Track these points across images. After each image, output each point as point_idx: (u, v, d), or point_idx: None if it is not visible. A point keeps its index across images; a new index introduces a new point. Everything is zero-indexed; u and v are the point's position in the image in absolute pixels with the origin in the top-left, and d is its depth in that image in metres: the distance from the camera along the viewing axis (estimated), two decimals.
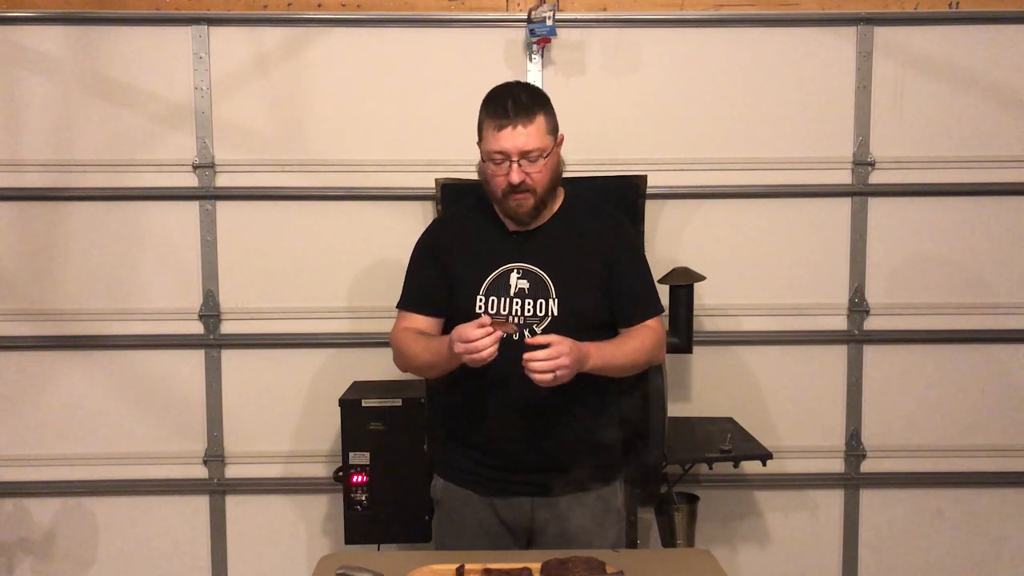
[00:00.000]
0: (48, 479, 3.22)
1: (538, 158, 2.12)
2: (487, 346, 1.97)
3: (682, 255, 3.12)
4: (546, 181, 2.16)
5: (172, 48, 3.11)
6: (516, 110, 2.11)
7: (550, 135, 2.16)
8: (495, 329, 1.99)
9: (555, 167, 2.19)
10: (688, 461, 2.93)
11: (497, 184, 2.15)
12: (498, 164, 2.13)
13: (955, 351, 3.25)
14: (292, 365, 3.21)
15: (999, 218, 3.22)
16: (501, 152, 2.11)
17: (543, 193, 2.16)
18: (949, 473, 3.28)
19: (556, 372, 1.97)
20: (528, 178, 2.12)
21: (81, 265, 3.16)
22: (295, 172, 3.16)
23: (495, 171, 2.14)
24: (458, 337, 2.00)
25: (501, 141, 2.10)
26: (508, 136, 2.10)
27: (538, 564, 1.92)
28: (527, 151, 2.11)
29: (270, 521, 3.26)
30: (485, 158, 2.16)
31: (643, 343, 2.20)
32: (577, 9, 3.12)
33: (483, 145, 2.17)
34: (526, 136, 2.10)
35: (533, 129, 2.11)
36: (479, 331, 1.98)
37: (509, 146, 2.10)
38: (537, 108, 2.14)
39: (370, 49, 3.13)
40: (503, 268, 2.20)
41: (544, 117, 2.14)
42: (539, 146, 2.12)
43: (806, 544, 3.31)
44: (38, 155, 3.13)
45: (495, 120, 2.12)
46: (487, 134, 2.14)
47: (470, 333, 1.98)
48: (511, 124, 2.10)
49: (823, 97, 3.17)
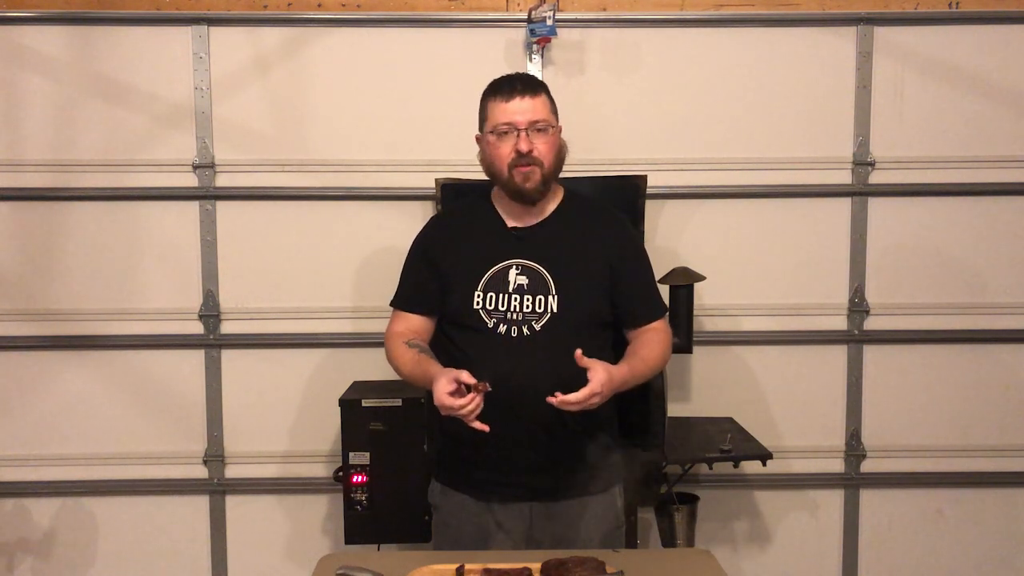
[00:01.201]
0: (48, 479, 3.22)
1: (545, 128, 2.16)
2: (472, 411, 1.99)
3: (682, 255, 3.12)
4: (552, 157, 2.18)
5: (172, 48, 3.11)
6: (523, 86, 2.18)
7: (553, 114, 2.21)
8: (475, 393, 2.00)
9: (559, 148, 2.21)
10: (688, 461, 2.93)
11: (503, 158, 2.16)
12: (505, 136, 2.15)
13: (955, 351, 3.25)
14: (292, 365, 3.21)
15: (999, 218, 3.22)
16: (509, 123, 2.15)
17: (549, 169, 2.18)
18: (949, 473, 3.28)
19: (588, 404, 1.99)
20: (535, 149, 2.14)
21: (81, 265, 3.16)
22: (295, 172, 3.16)
23: (501, 144, 2.16)
24: (440, 405, 2.01)
25: (510, 112, 2.15)
26: (516, 106, 2.15)
27: (538, 564, 1.92)
28: (535, 120, 2.15)
29: (270, 521, 3.26)
30: (491, 131, 2.18)
31: (660, 349, 2.23)
32: (577, 9, 3.12)
33: (489, 121, 2.19)
34: (533, 106, 2.15)
35: (539, 102, 2.17)
36: (463, 401, 1.98)
37: (518, 116, 2.15)
38: (540, 87, 2.21)
39: (370, 49, 3.13)
40: (502, 264, 2.20)
41: (547, 96, 2.21)
42: (545, 117, 2.17)
43: (806, 544, 3.31)
44: (38, 155, 3.13)
45: (502, 95, 2.17)
46: (493, 109, 2.18)
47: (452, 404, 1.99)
48: (519, 95, 2.15)
49: (823, 97, 3.17)
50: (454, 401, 1.98)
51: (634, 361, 2.16)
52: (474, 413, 1.99)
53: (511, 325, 2.16)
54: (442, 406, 2.00)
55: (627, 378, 2.11)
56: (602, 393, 2.00)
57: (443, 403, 2.00)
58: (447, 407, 2.00)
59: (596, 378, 1.99)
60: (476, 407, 1.99)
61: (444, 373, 2.04)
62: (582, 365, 2.00)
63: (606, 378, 2.00)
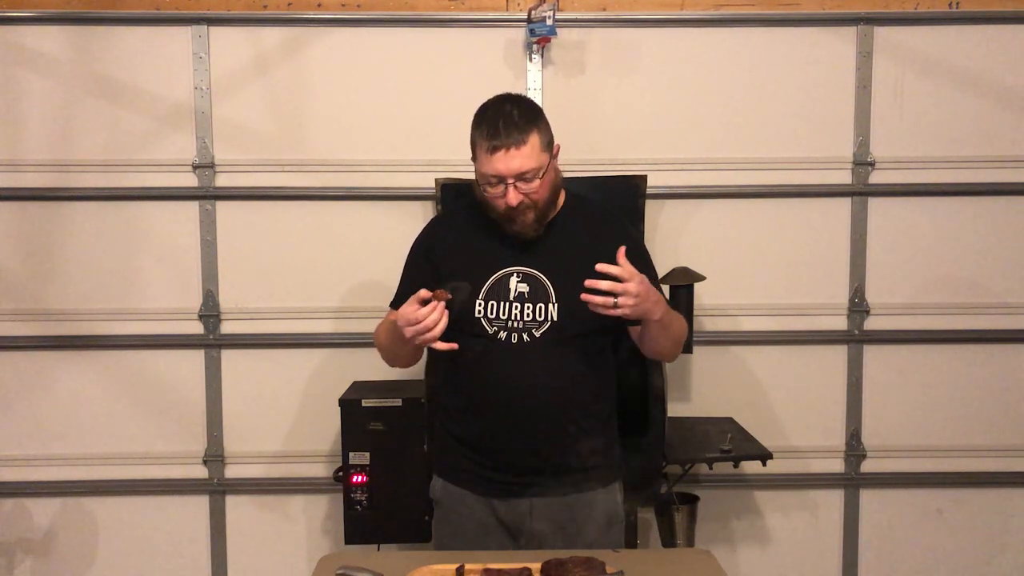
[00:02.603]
0: (48, 479, 3.22)
1: (534, 178, 2.09)
2: (436, 321, 1.99)
3: (682, 255, 3.12)
4: (545, 195, 2.14)
5: (172, 48, 3.11)
6: (508, 131, 2.06)
7: (545, 151, 2.12)
8: (436, 299, 2.00)
9: (553, 180, 2.16)
10: (688, 461, 2.93)
11: (495, 206, 2.13)
12: (494, 187, 2.11)
13: (955, 351, 3.25)
14: (292, 365, 3.21)
15: (999, 218, 3.22)
16: (496, 175, 2.09)
17: (543, 207, 2.14)
18: (949, 473, 3.28)
19: (618, 300, 1.95)
20: (526, 198, 2.10)
21: (81, 265, 3.16)
22: (295, 172, 3.16)
23: (492, 193, 2.12)
24: (404, 323, 2.01)
25: (495, 164, 2.07)
26: (502, 160, 2.06)
27: (538, 564, 1.92)
28: (522, 172, 2.08)
29: (270, 521, 3.26)
30: (480, 181, 2.14)
31: (682, 324, 2.24)
32: (577, 9, 3.12)
33: (477, 167, 2.14)
34: (520, 159, 2.06)
35: (527, 150, 2.07)
36: (424, 310, 1.99)
37: (503, 169, 2.06)
38: (530, 127, 2.09)
39: (370, 49, 3.13)
40: (503, 272, 2.19)
41: (538, 134, 2.10)
42: (534, 167, 2.08)
43: (806, 544, 3.31)
44: (38, 155, 3.13)
45: (487, 142, 2.07)
46: (481, 157, 2.11)
47: (415, 315, 1.99)
48: (504, 147, 2.06)
49: (823, 97, 3.17)
50: (417, 312, 1.99)
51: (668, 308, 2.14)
52: (438, 324, 2.00)
53: (512, 333, 2.16)
54: (407, 321, 2.00)
55: (663, 309, 2.07)
56: (638, 288, 1.95)
57: (408, 318, 2.00)
58: (410, 319, 1.99)
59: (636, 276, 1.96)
60: (440, 316, 2.00)
61: (408, 302, 2.04)
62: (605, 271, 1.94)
63: (646, 283, 1.98)
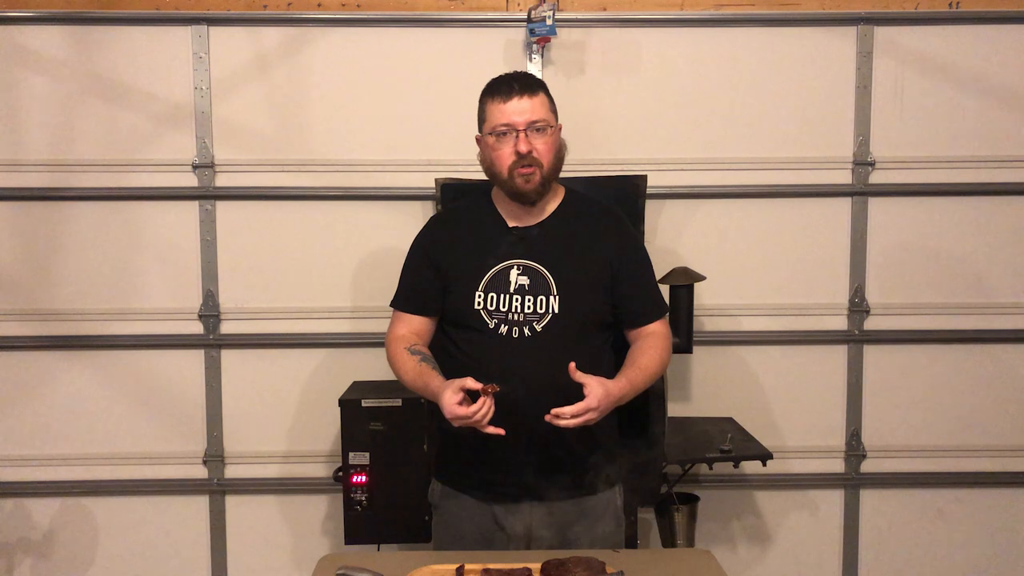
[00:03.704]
0: (48, 479, 3.22)
1: (544, 128, 2.15)
2: (485, 415, 1.99)
3: (682, 255, 3.12)
4: (551, 157, 2.18)
5: (172, 48, 3.11)
6: (521, 86, 2.16)
7: (552, 113, 2.20)
8: (484, 395, 2.00)
9: (558, 148, 2.21)
10: (688, 461, 2.93)
11: (503, 160, 2.16)
12: (504, 137, 2.15)
13: (955, 351, 3.25)
14: (292, 365, 3.21)
15: (999, 218, 3.22)
16: (507, 124, 2.14)
17: (548, 170, 2.17)
18: (949, 473, 3.28)
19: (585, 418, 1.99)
20: (535, 150, 2.14)
21: (81, 265, 3.16)
22: (295, 172, 3.16)
23: (500, 146, 2.15)
24: (451, 416, 2.00)
25: (508, 113, 2.14)
26: (515, 106, 2.14)
27: (538, 564, 1.92)
28: (534, 120, 2.14)
29: (270, 521, 3.26)
30: (490, 133, 2.17)
31: (660, 354, 2.22)
32: (577, 9, 3.12)
33: (487, 123, 2.18)
34: (532, 107, 2.14)
35: (538, 102, 2.16)
36: (475, 407, 1.99)
37: (516, 117, 2.14)
38: (539, 85, 2.20)
39: (370, 49, 3.13)
40: (503, 264, 2.20)
41: (546, 95, 2.20)
42: (544, 116, 2.16)
43: (806, 544, 3.31)
44: (38, 155, 3.13)
45: (500, 96, 2.16)
46: (492, 110, 2.17)
47: (464, 412, 1.98)
48: (517, 96, 2.14)
49: (823, 97, 3.17)
50: (466, 410, 1.98)
51: (632, 372, 2.14)
52: (487, 418, 2.00)
53: (512, 326, 2.16)
54: (455, 418, 2.00)
55: (626, 391, 2.10)
56: (599, 408, 2.00)
57: (455, 414, 1.99)
58: (460, 417, 1.99)
59: (593, 393, 1.99)
60: (488, 411, 2.00)
61: (448, 386, 2.03)
62: (576, 380, 2.00)
63: (603, 393, 2.01)
